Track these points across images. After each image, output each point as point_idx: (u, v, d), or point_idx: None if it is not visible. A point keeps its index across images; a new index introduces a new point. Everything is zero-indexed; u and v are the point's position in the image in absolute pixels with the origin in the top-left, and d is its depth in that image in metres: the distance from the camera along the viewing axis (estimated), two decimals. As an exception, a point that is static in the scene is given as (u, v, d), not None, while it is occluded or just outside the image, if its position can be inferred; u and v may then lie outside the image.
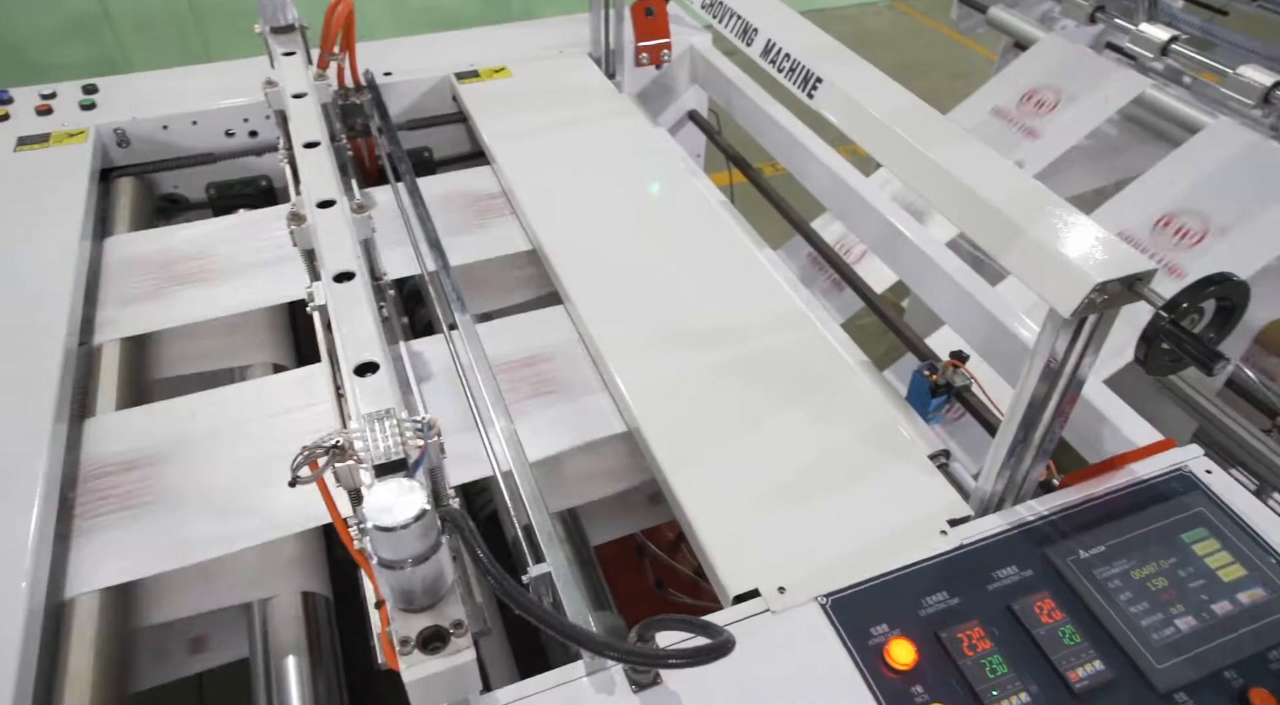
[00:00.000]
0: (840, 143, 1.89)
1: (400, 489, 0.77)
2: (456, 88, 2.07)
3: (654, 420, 1.23)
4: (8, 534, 1.08)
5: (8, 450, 1.18)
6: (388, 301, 1.41)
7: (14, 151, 1.79)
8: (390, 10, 4.57)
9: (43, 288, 1.46)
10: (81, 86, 2.00)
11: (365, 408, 0.98)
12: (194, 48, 4.54)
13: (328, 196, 1.35)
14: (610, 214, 1.66)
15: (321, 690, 1.14)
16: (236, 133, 2.01)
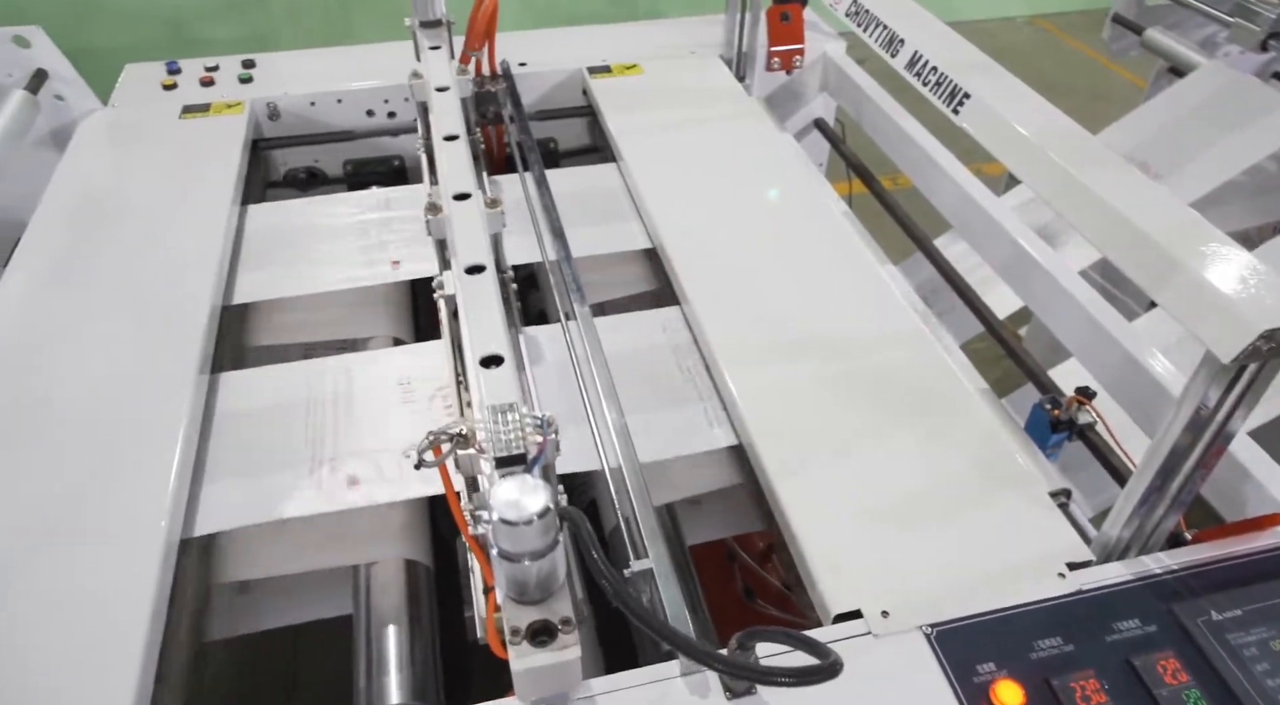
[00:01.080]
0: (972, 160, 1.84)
1: (525, 486, 0.79)
2: (588, 82, 2.10)
3: (763, 428, 1.22)
4: (152, 473, 1.16)
5: (157, 396, 1.27)
6: (508, 291, 1.44)
7: (179, 118, 1.92)
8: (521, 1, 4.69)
9: (196, 248, 1.55)
10: (241, 61, 2.12)
11: (488, 400, 1.00)
12: (337, 29, 4.76)
13: (464, 190, 1.39)
14: (732, 217, 1.65)
15: (418, 656, 1.18)
16: (376, 113, 2.10)
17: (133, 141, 1.86)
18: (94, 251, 1.55)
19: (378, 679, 1.15)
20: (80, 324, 1.40)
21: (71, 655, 0.96)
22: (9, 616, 1.00)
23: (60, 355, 1.34)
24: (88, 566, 1.05)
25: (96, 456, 1.18)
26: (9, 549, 1.07)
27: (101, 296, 1.45)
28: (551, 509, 0.78)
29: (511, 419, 0.95)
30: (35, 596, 1.02)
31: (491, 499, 0.79)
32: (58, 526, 1.10)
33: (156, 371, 1.31)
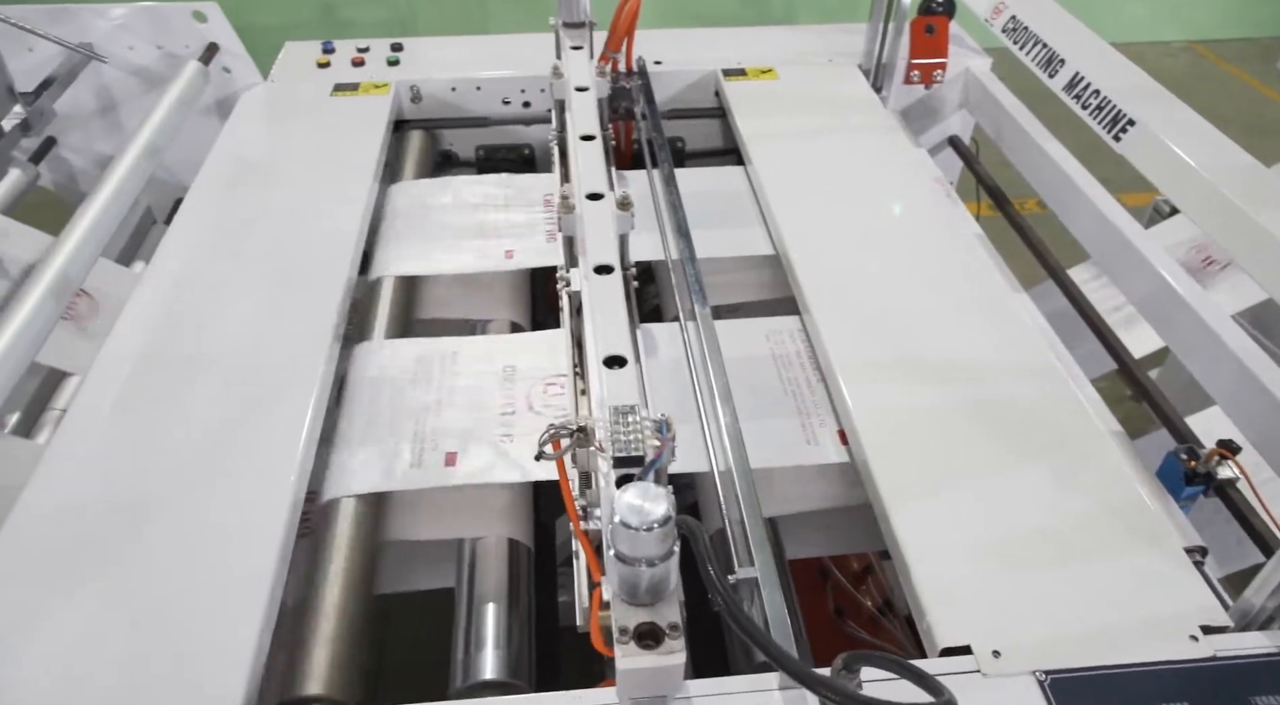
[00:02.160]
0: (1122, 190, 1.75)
1: (648, 493, 0.80)
2: (721, 83, 2.09)
3: (880, 448, 1.19)
4: (284, 433, 1.22)
5: (294, 360, 1.33)
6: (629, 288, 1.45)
7: (330, 95, 2.02)
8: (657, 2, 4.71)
9: (338, 221, 1.63)
10: (390, 44, 2.21)
11: (610, 400, 1.02)
12: (474, 17, 4.91)
13: (597, 190, 1.41)
14: (860, 230, 1.62)
15: (514, 635, 1.20)
16: (512, 102, 2.15)
17: (288, 115, 1.96)
18: (247, 216, 1.65)
19: (474, 653, 1.18)
20: (230, 284, 1.49)
21: (202, 590, 1.03)
22: (153, 547, 1.07)
23: (211, 312, 1.43)
24: (224, 510, 1.12)
25: (237, 410, 1.26)
26: (159, 485, 1.15)
27: (250, 260, 1.54)
28: (672, 518, 0.79)
29: (632, 421, 0.96)
30: (176, 532, 1.09)
31: (614, 503, 0.80)
32: (200, 471, 1.17)
33: (295, 336, 1.38)
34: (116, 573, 1.05)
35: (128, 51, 1.99)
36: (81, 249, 1.44)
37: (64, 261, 1.39)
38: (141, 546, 1.07)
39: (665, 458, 0.95)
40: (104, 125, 2.11)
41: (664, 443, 0.93)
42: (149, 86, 2.07)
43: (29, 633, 0.98)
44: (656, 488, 0.80)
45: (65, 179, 2.17)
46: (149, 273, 1.52)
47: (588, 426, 0.98)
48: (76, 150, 2.13)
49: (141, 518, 1.11)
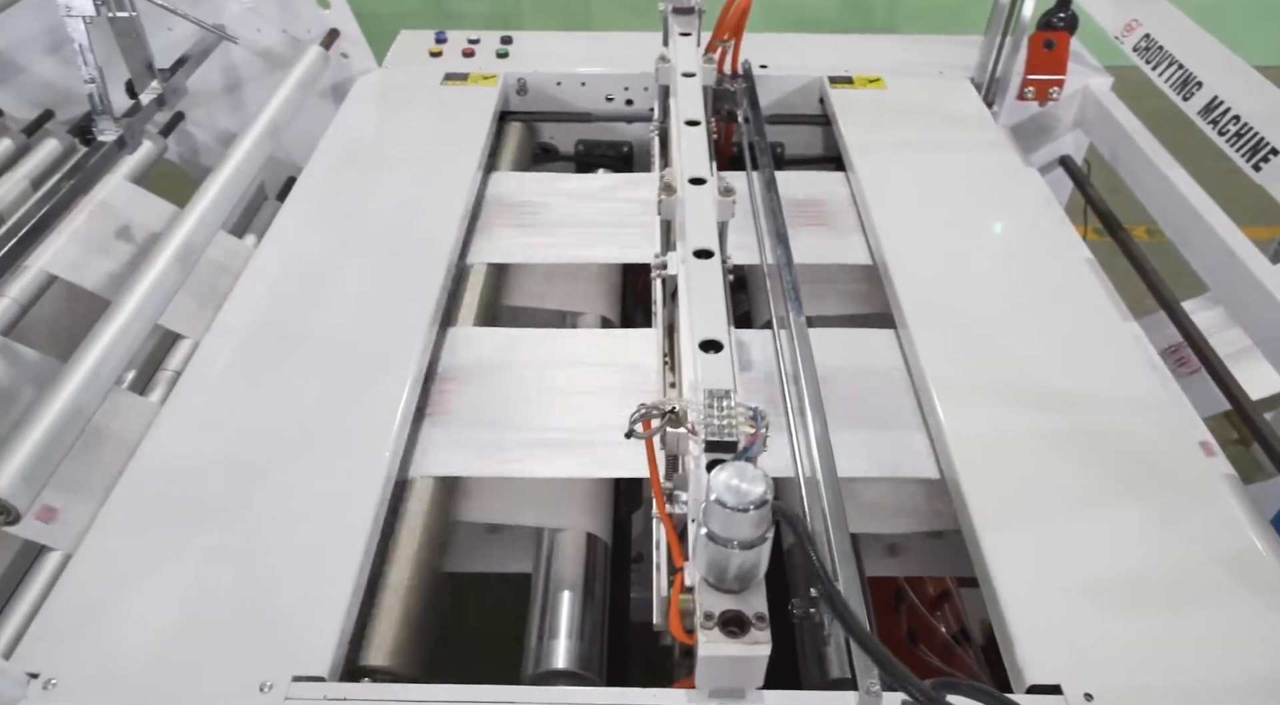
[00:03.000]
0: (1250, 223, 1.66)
1: (745, 473, 0.79)
2: (827, 90, 2.07)
3: (973, 471, 1.16)
4: (381, 412, 1.26)
5: (395, 342, 1.37)
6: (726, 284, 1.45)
7: (440, 84, 2.07)
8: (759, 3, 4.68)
9: (442, 207, 1.67)
10: (500, 37, 2.25)
11: (705, 383, 1.01)
12: (576, 12, 4.96)
13: (700, 175, 1.41)
14: (964, 246, 1.58)
15: (587, 628, 1.21)
16: (615, 99, 2.17)
17: (399, 101, 2.02)
18: (356, 198, 1.70)
19: (547, 641, 1.19)
20: (338, 262, 1.54)
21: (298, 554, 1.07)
22: (255, 508, 1.12)
23: (319, 289, 1.49)
24: (322, 480, 1.16)
25: (338, 385, 1.30)
26: (262, 451, 1.20)
27: (358, 240, 1.60)
28: (769, 501, 0.78)
29: (726, 406, 0.95)
30: (277, 497, 1.14)
31: (710, 480, 0.79)
32: (301, 440, 1.22)
33: (396, 317, 1.42)
34: (220, 529, 1.10)
35: (255, 34, 2.09)
36: (205, 220, 1.51)
37: (189, 231, 1.46)
38: (243, 507, 1.13)
39: (757, 447, 0.94)
40: (228, 103, 2.22)
41: (757, 431, 0.92)
42: (271, 68, 2.16)
43: (139, 577, 1.04)
44: (754, 469, 0.79)
45: (189, 152, 2.28)
46: (263, 247, 1.59)
47: (679, 409, 0.98)
48: (201, 126, 2.24)
49: (245, 480, 1.16)
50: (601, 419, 1.33)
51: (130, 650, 0.96)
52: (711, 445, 0.92)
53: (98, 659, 0.95)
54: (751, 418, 0.94)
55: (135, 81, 1.83)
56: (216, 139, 2.27)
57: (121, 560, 1.06)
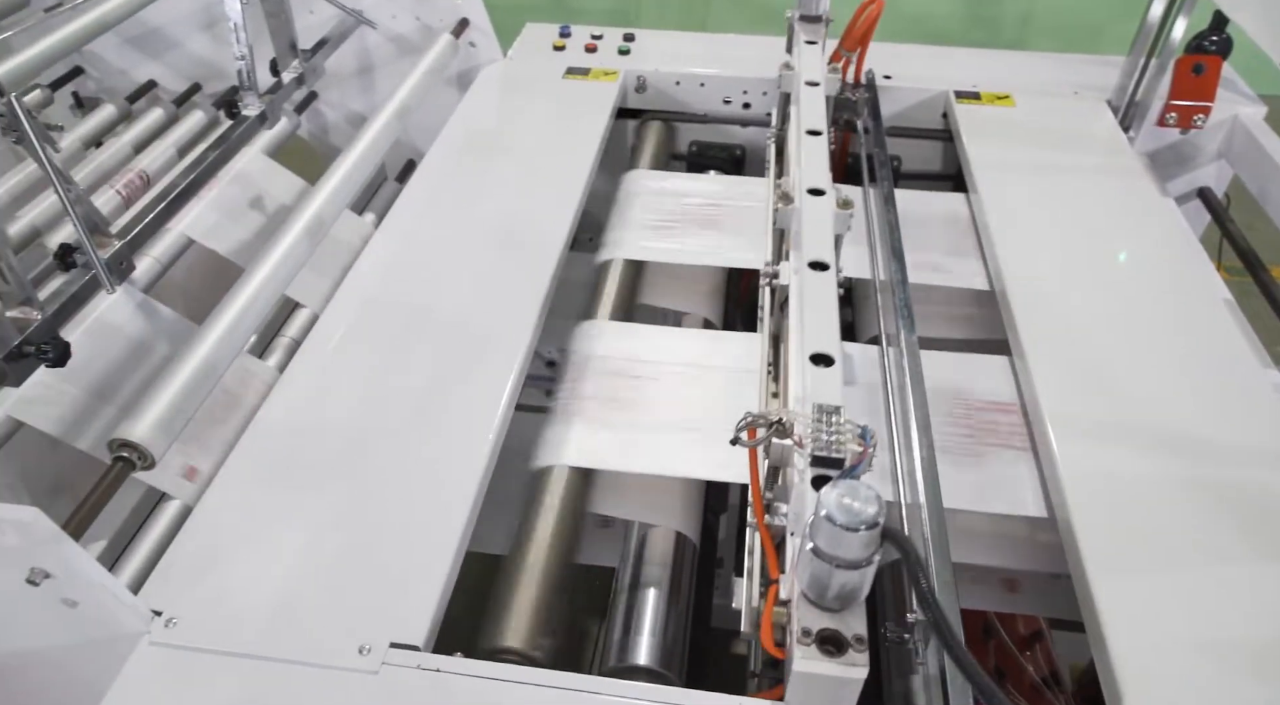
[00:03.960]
0: None
1: (857, 492, 0.78)
2: (951, 105, 2.01)
3: (1088, 513, 1.11)
4: (487, 396, 1.29)
5: (504, 327, 1.40)
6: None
7: (562, 77, 2.10)
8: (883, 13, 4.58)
9: (556, 198, 1.70)
10: (623, 34, 2.27)
11: (814, 397, 1.00)
12: (695, 13, 4.97)
13: (819, 186, 1.39)
14: (1090, 277, 1.51)
15: (671, 626, 1.22)
16: (732, 101, 2.16)
17: (522, 92, 2.07)
18: (475, 185, 1.75)
19: (631, 636, 1.20)
20: (454, 246, 1.59)
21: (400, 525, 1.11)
22: (363, 476, 1.17)
23: (434, 270, 1.53)
24: (427, 456, 1.20)
25: (447, 365, 1.34)
26: (373, 422, 1.24)
27: (474, 226, 1.64)
28: (880, 524, 0.77)
29: (835, 422, 0.94)
30: (383, 467, 1.18)
31: (820, 497, 0.78)
32: (409, 416, 1.26)
33: (506, 303, 1.46)
34: (331, 494, 1.14)
35: (390, 20, 2.16)
36: (335, 196, 1.58)
37: (320, 206, 1.52)
38: (354, 475, 1.17)
39: (864, 466, 0.92)
40: (358, 85, 2.30)
41: (865, 450, 0.91)
42: (402, 53, 2.23)
43: (255, 532, 1.10)
44: (867, 489, 0.78)
45: (318, 130, 2.38)
46: (384, 227, 1.64)
47: (786, 420, 0.98)
48: (332, 106, 2.34)
49: (357, 449, 1.21)
50: (701, 420, 1.33)
51: (243, 600, 1.01)
52: (818, 460, 0.91)
53: (213, 605, 1.01)
54: (860, 436, 0.92)
55: (279, 60, 1.92)
56: (345, 119, 2.36)
57: (239, 516, 1.12)
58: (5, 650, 1.00)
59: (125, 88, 2.24)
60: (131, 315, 1.51)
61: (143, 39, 2.24)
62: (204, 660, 0.95)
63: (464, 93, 2.12)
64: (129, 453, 1.08)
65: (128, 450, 1.08)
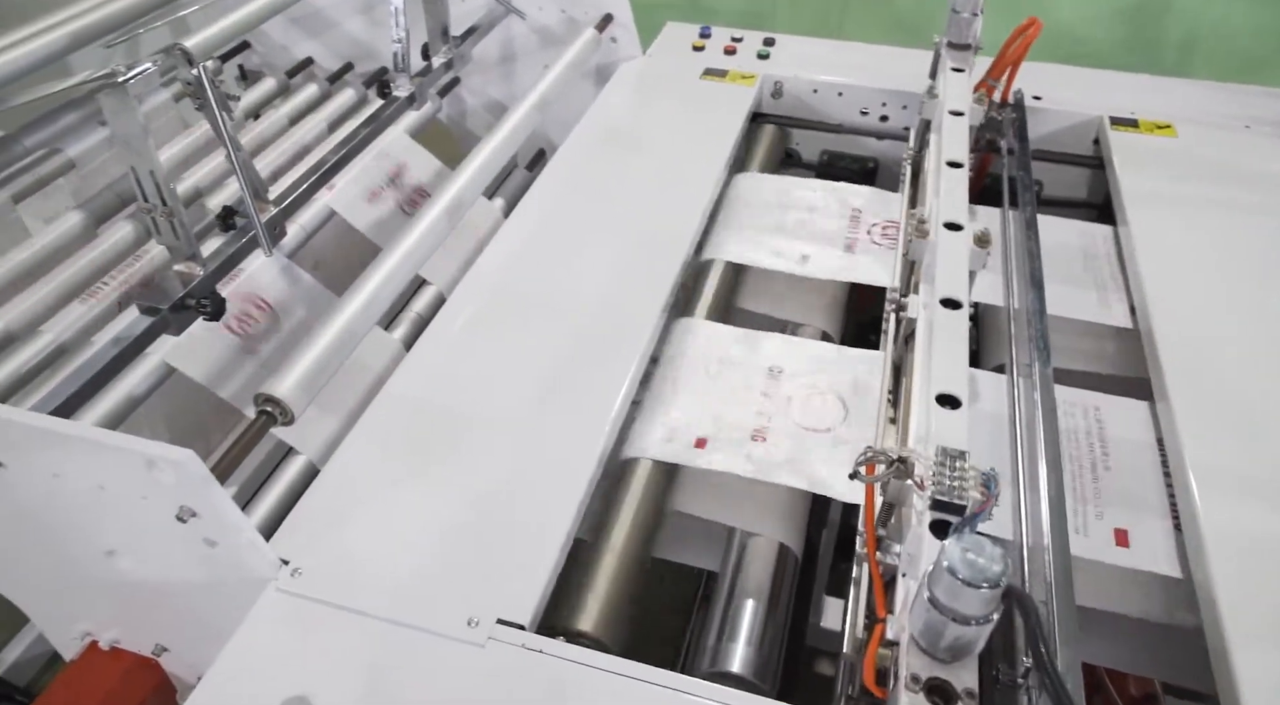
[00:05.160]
0: None
1: (983, 548, 0.76)
2: (1105, 132, 1.91)
3: (1232, 577, 1.04)
4: (606, 387, 1.30)
5: (625, 324, 1.42)
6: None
7: (699, 78, 2.11)
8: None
9: (686, 199, 1.70)
10: (763, 38, 2.26)
11: (938, 439, 0.99)
12: (831, 20, 4.88)
13: (957, 220, 1.36)
14: (1251, 325, 1.41)
15: (767, 638, 1.20)
16: (870, 112, 2.12)
17: (659, 90, 2.08)
18: (606, 180, 1.77)
19: (725, 643, 1.20)
20: (581, 239, 1.61)
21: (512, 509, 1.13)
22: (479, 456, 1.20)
23: (560, 261, 1.56)
24: (541, 443, 1.22)
25: (567, 355, 1.36)
26: (490, 404, 1.28)
27: (603, 220, 1.66)
28: (1004, 584, 0.74)
29: (959, 467, 0.93)
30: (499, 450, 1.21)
31: (947, 545, 0.76)
32: (527, 401, 1.29)
33: (629, 300, 1.47)
34: (451, 468, 1.18)
35: (538, 11, 2.21)
36: (473, 180, 1.63)
37: (460, 188, 1.58)
38: (473, 452, 1.21)
39: (985, 515, 0.90)
40: (499, 73, 2.37)
41: (989, 499, 0.89)
42: (545, 44, 2.28)
43: (378, 496, 1.14)
44: (994, 546, 0.76)
45: (457, 114, 2.46)
46: (516, 214, 1.68)
47: (908, 459, 0.96)
48: (473, 92, 2.41)
49: (477, 427, 1.24)
50: (815, 432, 1.32)
51: (363, 560, 1.06)
52: (938, 504, 0.89)
53: (335, 561, 1.06)
54: (984, 484, 0.90)
55: (431, 45, 1.99)
56: (483, 106, 2.43)
57: (364, 479, 1.17)
58: (155, 579, 1.08)
59: (285, 63, 2.37)
60: (275, 278, 1.60)
61: (305, 18, 2.36)
62: (323, 612, 1.00)
63: (600, 87, 2.15)
64: (272, 407, 1.14)
65: (271, 405, 1.14)
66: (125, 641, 1.21)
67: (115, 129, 1.17)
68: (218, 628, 1.02)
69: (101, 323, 1.46)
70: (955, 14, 1.80)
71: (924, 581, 0.78)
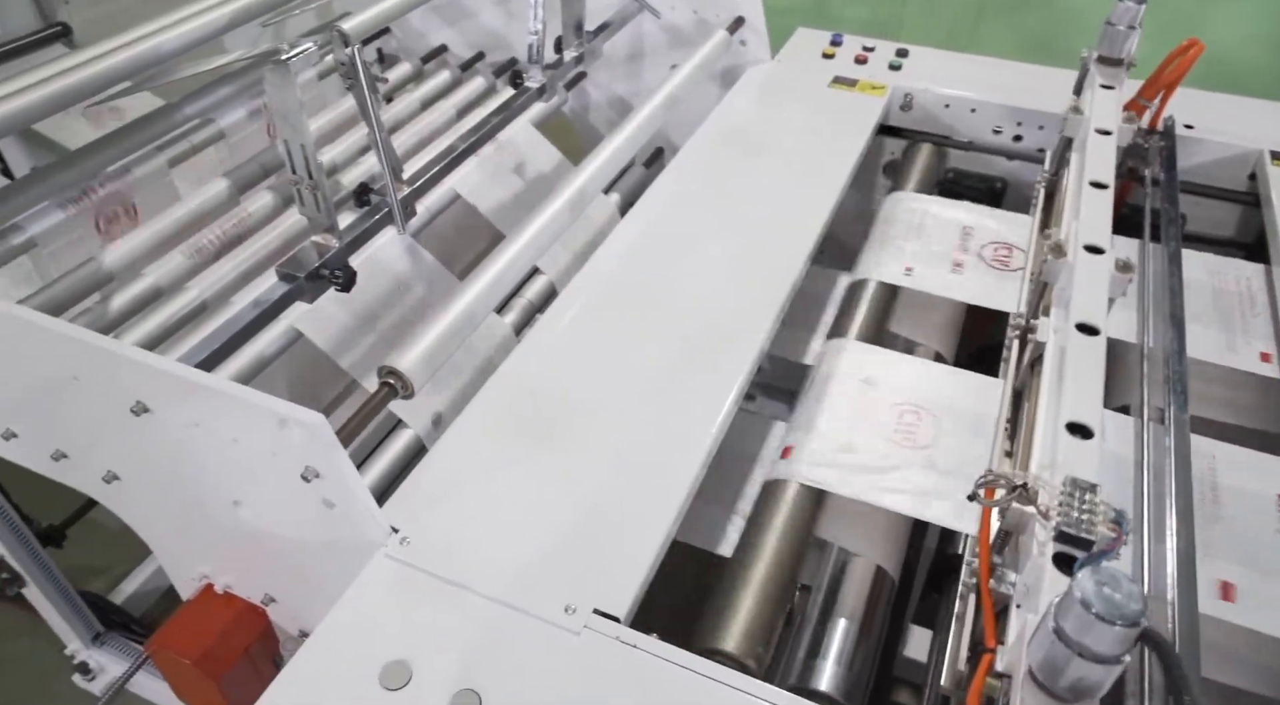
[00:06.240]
0: None
1: (1119, 583, 0.72)
2: (1264, 166, 1.80)
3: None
4: (715, 391, 1.30)
5: (737, 329, 1.41)
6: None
7: (827, 86, 2.08)
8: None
9: (806, 208, 1.68)
10: (895, 49, 2.21)
11: (1067, 469, 0.96)
12: (962, 33, 4.74)
13: (1098, 243, 1.31)
14: None
15: (857, 660, 1.18)
16: (1003, 132, 2.05)
17: (785, 96, 2.06)
18: (727, 183, 1.76)
19: (814, 659, 1.18)
20: (698, 240, 1.61)
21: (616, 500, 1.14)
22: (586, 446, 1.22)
23: (677, 260, 1.56)
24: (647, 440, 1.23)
25: (677, 355, 1.36)
26: (598, 396, 1.29)
27: (721, 223, 1.65)
28: (1142, 623, 0.70)
29: (1089, 500, 0.89)
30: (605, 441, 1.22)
31: (1078, 577, 0.73)
32: (636, 396, 1.29)
33: (742, 305, 1.46)
34: (558, 455, 1.20)
35: (670, 10, 2.22)
36: (598, 174, 1.65)
37: (584, 181, 1.60)
38: (581, 442, 1.22)
39: (1113, 554, 0.87)
40: (626, 70, 2.39)
41: (1120, 537, 0.86)
42: (673, 44, 2.29)
43: (486, 476, 1.17)
44: (1131, 583, 0.72)
45: (580, 108, 2.50)
46: (634, 211, 1.69)
47: (1032, 486, 0.93)
48: (598, 87, 2.44)
49: (587, 417, 1.26)
50: (923, 453, 1.28)
51: (468, 536, 1.09)
52: (1063, 536, 0.86)
53: (442, 535, 1.09)
54: (1114, 521, 0.87)
55: (564, 38, 2.03)
56: (607, 101, 2.46)
57: (475, 459, 1.20)
58: (273, 532, 1.13)
59: (420, 49, 2.45)
60: (399, 255, 1.66)
61: (444, 7, 2.44)
62: (427, 582, 1.03)
63: (724, 89, 2.15)
64: (394, 380, 1.18)
65: (394, 377, 1.18)
66: (238, 588, 1.27)
67: (274, 104, 1.23)
68: (324, 585, 1.07)
69: (238, 285, 1.54)
70: (1110, 27, 1.72)
71: (1050, 612, 0.75)
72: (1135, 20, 1.70)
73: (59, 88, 1.42)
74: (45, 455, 1.25)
